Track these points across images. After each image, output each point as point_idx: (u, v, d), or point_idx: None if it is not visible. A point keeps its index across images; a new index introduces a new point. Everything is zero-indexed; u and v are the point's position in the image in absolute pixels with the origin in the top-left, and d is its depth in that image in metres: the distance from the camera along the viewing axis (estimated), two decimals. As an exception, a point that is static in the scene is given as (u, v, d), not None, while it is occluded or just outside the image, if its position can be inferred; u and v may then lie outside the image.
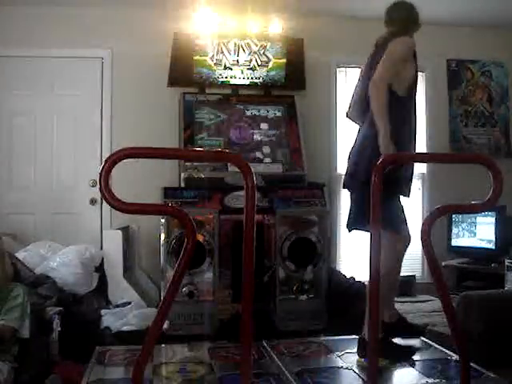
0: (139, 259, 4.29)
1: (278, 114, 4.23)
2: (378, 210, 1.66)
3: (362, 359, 2.47)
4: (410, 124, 2.60)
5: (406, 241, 2.65)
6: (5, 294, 2.64)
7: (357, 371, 2.39)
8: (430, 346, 2.71)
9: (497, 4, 4.34)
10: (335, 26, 4.38)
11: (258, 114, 4.21)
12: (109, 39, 4.36)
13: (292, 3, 4.04)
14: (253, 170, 1.49)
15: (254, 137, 4.09)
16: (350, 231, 2.68)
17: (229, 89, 4.33)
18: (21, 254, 3.62)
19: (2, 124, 4.35)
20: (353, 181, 2.60)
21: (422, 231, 1.65)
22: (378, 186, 1.66)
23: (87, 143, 4.43)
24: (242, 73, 4.30)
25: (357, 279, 3.94)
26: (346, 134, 4.04)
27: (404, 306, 3.65)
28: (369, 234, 1.69)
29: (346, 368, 2.46)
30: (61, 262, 3.63)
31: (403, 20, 2.67)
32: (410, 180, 2.63)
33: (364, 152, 2.54)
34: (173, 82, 4.26)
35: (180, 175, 3.80)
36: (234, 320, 3.35)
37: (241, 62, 4.28)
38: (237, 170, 1.49)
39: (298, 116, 4.19)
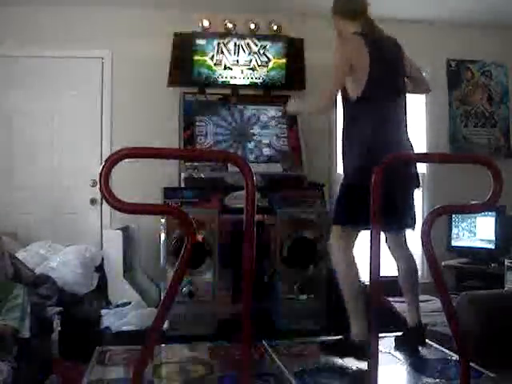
0: (139, 259, 4.29)
1: (278, 114, 4.24)
2: (378, 210, 1.66)
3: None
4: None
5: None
6: (5, 294, 2.64)
7: (357, 371, 2.39)
8: (430, 345, 2.71)
9: (497, 4, 4.34)
10: (335, 26, 4.38)
11: (257, 113, 4.21)
12: (109, 39, 4.36)
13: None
14: (253, 170, 1.49)
15: (254, 137, 4.10)
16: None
17: (229, 89, 4.33)
18: (21, 254, 3.62)
19: (2, 124, 4.35)
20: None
21: (422, 231, 1.65)
22: (378, 185, 1.67)
23: (87, 143, 4.43)
24: (242, 73, 4.30)
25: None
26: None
27: (404, 306, 3.65)
28: None
29: (346, 368, 2.46)
30: (61, 262, 3.63)
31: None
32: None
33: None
34: (173, 81, 4.26)
35: (180, 175, 3.80)
36: (234, 320, 3.34)
37: (241, 62, 4.28)
38: (237, 170, 1.49)
39: (297, 116, 4.20)
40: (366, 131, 2.51)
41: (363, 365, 2.37)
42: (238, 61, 4.27)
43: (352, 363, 2.49)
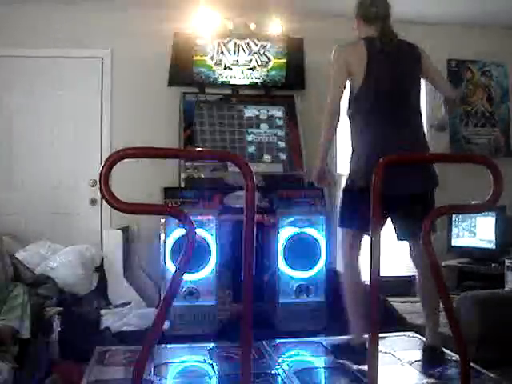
0: (139, 259, 4.29)
1: (278, 114, 4.24)
2: (378, 210, 1.66)
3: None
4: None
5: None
6: (5, 294, 2.65)
7: (357, 371, 2.39)
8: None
9: (497, 4, 4.34)
10: (335, 26, 4.37)
11: (257, 113, 4.21)
12: (109, 39, 4.36)
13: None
14: (253, 170, 1.49)
15: (254, 137, 4.10)
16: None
17: (229, 89, 4.33)
18: (21, 254, 3.62)
19: (2, 124, 4.35)
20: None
21: (422, 231, 1.65)
22: (378, 186, 1.67)
23: (87, 143, 4.43)
24: (242, 73, 4.30)
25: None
26: (346, 134, 4.02)
27: (404, 306, 3.66)
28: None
29: (346, 368, 2.46)
30: (61, 262, 3.63)
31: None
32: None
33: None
34: (173, 81, 4.26)
35: (180, 175, 3.80)
36: (234, 320, 3.35)
37: (241, 62, 4.28)
38: (237, 170, 1.49)
39: (297, 116, 4.20)
40: (361, 132, 2.53)
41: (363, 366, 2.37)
42: (238, 61, 4.27)
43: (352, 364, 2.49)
